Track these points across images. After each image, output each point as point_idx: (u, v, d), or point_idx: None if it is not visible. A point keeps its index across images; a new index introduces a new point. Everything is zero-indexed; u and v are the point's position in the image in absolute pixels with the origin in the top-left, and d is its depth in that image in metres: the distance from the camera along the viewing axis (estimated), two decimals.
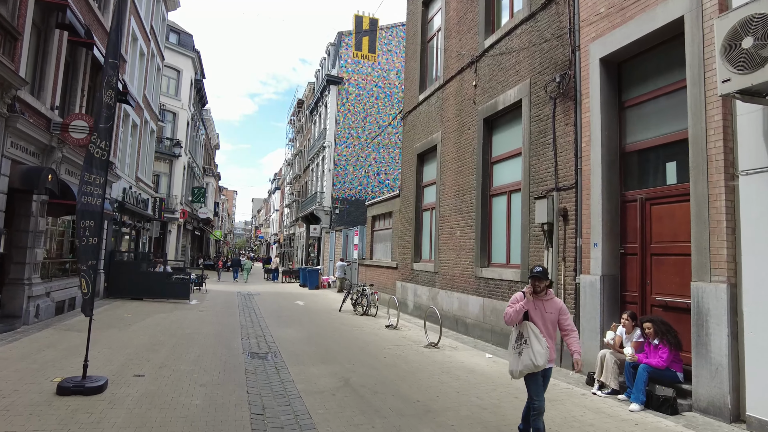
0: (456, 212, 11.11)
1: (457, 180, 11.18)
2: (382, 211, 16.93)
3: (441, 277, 11.65)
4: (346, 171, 29.50)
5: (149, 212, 19.89)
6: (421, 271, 12.85)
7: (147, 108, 18.70)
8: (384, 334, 10.38)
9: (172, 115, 29.25)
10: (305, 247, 35.74)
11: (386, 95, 30.58)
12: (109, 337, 8.49)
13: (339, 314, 13.57)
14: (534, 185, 8.43)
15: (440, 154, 12.16)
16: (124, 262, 15.69)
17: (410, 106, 14.58)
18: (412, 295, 13.34)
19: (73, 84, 11.10)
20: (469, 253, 10.43)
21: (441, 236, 11.78)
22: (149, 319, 11.02)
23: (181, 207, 30.14)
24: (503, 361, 7.93)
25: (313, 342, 9.16)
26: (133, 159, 17.34)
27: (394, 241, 15.26)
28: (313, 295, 19.58)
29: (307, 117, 38.02)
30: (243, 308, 14.42)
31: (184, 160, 30.25)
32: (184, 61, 30.09)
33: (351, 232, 21.82)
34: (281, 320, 11.99)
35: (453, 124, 11.63)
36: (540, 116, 8.44)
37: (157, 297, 14.90)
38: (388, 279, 15.57)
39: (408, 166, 14.44)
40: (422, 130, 13.51)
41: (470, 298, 10.23)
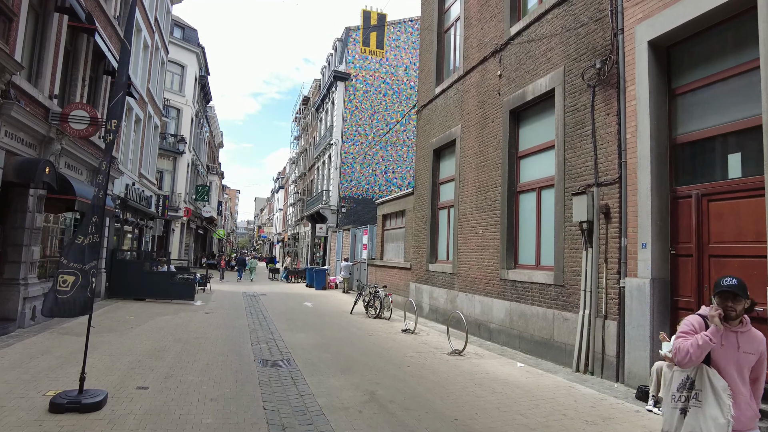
0: (478, 210, 10.48)
1: (479, 176, 10.54)
2: (393, 209, 16.30)
3: (460, 278, 11.02)
4: (353, 169, 28.87)
5: (152, 210, 19.31)
6: (438, 272, 12.22)
7: (151, 102, 18.12)
8: (402, 339, 9.75)
9: (176, 112, 28.67)
10: (310, 246, 35.12)
11: (394, 92, 29.96)
12: (110, 343, 7.88)
13: (351, 317, 12.94)
14: (570, 180, 7.78)
15: (459, 149, 11.53)
16: (127, 261, 15.10)
17: (425, 100, 13.94)
18: (428, 297, 12.71)
19: (73, 73, 10.51)
20: (492, 254, 9.80)
21: (460, 236, 11.14)
22: (153, 321, 10.42)
23: (185, 205, 29.55)
24: (537, 371, 7.30)
25: (329, 348, 8.54)
26: (136, 154, 16.75)
27: (407, 241, 14.64)
28: (321, 296, 18.97)
29: (312, 114, 37.40)
30: (250, 310, 13.81)
31: (188, 157, 29.66)
32: (188, 57, 29.51)
33: (360, 231, 21.21)
34: (291, 323, 11.37)
35: (474, 117, 11.00)
36: (576, 106, 7.80)
37: (160, 298, 14.31)
38: (401, 280, 14.94)
39: (423, 163, 13.81)
40: (439, 125, 12.87)
41: (494, 301, 9.59)
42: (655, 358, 5.98)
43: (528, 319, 8.51)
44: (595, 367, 6.99)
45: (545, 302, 8.14)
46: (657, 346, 6.01)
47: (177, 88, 28.79)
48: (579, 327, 7.23)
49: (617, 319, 6.70)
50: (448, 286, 11.59)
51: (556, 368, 7.47)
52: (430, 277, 12.72)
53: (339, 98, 28.85)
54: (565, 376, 7.02)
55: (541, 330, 8.16)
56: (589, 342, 7.09)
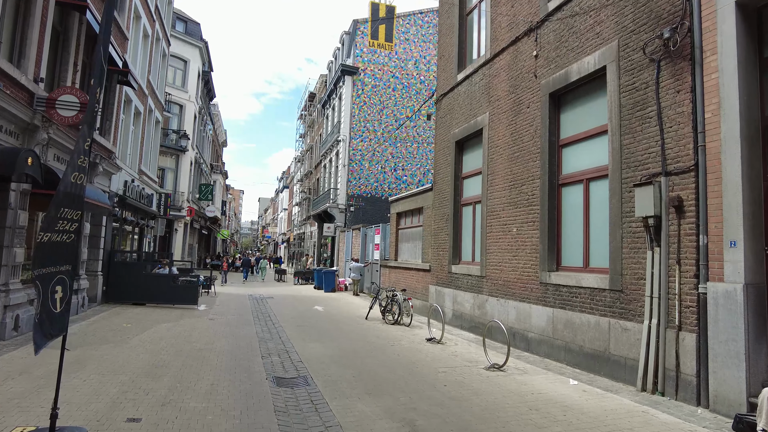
0: (511, 206, 9.45)
1: (512, 168, 9.51)
2: (409, 207, 15.28)
3: (490, 282, 9.99)
4: (361, 166, 27.87)
5: (154, 209, 18.36)
6: (463, 274, 11.19)
7: (151, 95, 17.16)
8: (429, 350, 8.72)
9: (179, 108, 27.74)
10: (317, 246, 34.14)
11: (404, 87, 28.94)
12: (101, 357, 6.89)
13: (367, 323, 11.93)
14: (629, 170, 6.75)
15: (488, 140, 10.50)
16: (125, 263, 14.14)
17: (446, 88, 12.92)
18: (451, 301, 11.69)
19: (63, 56, 9.54)
20: (530, 255, 8.77)
21: (490, 234, 10.12)
22: (152, 330, 9.44)
23: (188, 204, 28.63)
24: (594, 390, 6.27)
25: (349, 362, 7.53)
26: (136, 150, 15.80)
27: (426, 241, 13.62)
28: (331, 300, 17.97)
29: (318, 111, 36.42)
30: (258, 315, 12.83)
31: (191, 155, 28.74)
32: (191, 51, 28.58)
33: (371, 230, 20.21)
34: (304, 331, 10.38)
35: (505, 104, 9.97)
36: (634, 85, 6.76)
37: (161, 302, 13.34)
38: (419, 282, 13.92)
39: (443, 156, 12.78)
40: (462, 114, 11.85)
41: (533, 308, 8.56)
42: (754, 381, 4.95)
43: (576, 328, 7.48)
44: (667, 387, 5.96)
45: (598, 309, 7.11)
46: (756, 365, 4.98)
47: (179, 84, 27.87)
48: (644, 339, 6.20)
49: (695, 330, 5.67)
50: (475, 290, 10.56)
51: (616, 386, 6.44)
52: (453, 280, 11.69)
53: (347, 93, 27.85)
54: (631, 397, 5.99)
55: (593, 341, 7.13)
56: (657, 357, 6.05)
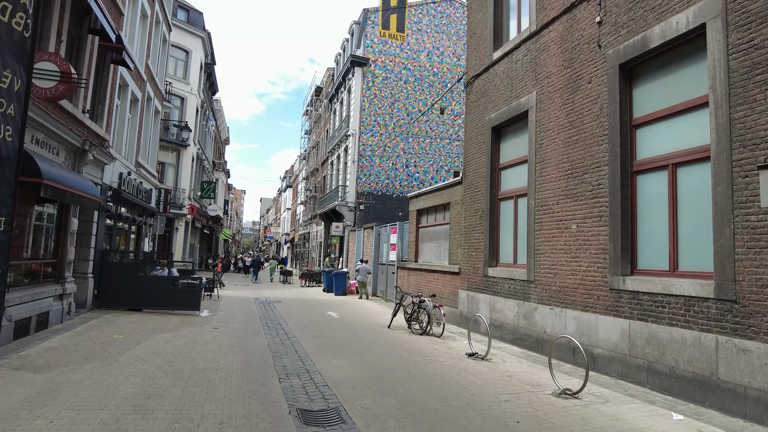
0: (569, 198, 8.07)
1: (570, 154, 8.14)
2: (432, 203, 13.91)
3: (541, 287, 8.61)
4: (371, 162, 26.50)
5: (152, 205, 16.99)
6: (503, 278, 9.81)
7: (150, 82, 15.82)
8: (475, 369, 7.34)
9: (180, 100, 26.41)
10: (324, 246, 32.77)
11: (416, 79, 27.57)
12: (80, 383, 5.52)
13: (391, 333, 10.55)
14: (743, 149, 5.37)
15: (535, 123, 9.13)
16: (120, 264, 12.78)
17: (478, 69, 11.55)
18: (487, 309, 10.31)
19: (44, 22, 8.17)
20: (595, 256, 7.39)
21: (540, 232, 8.74)
22: (147, 343, 8.07)
23: (190, 202, 27.28)
24: (712, 429, 4.89)
25: (386, 386, 6.16)
26: (133, 140, 14.44)
27: (454, 240, 12.24)
28: (344, 304, 16.59)
29: (325, 106, 35.06)
30: (266, 322, 11.46)
31: (192, 150, 27.39)
32: (193, 41, 27.25)
33: (385, 229, 18.83)
34: (321, 342, 9.01)
35: (558, 80, 8.60)
36: (752, 42, 5.38)
37: (159, 307, 11.99)
38: (445, 287, 12.54)
39: (475, 145, 11.41)
40: (500, 96, 10.48)
41: (601, 319, 7.17)
42: None
43: (664, 345, 6.09)
44: None
45: (698, 323, 5.72)
46: None
47: (181, 75, 26.54)
48: None
49: None
50: (521, 297, 9.18)
51: (734, 423, 5.05)
52: (489, 285, 10.31)
53: (356, 85, 26.49)
54: None
55: (692, 362, 5.74)
56: None
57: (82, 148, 9.40)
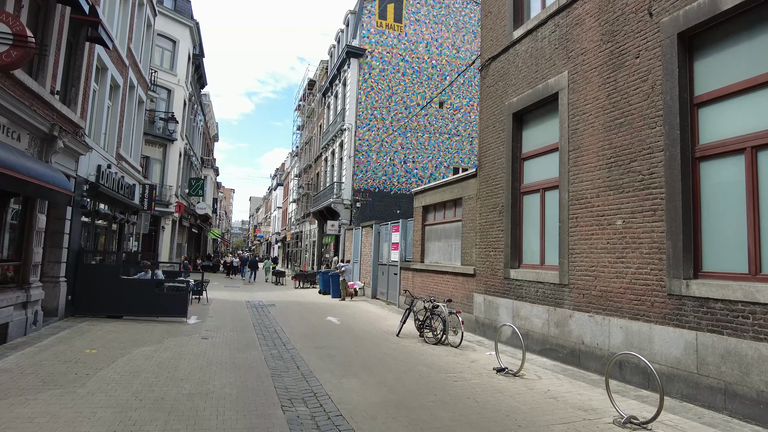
0: (612, 190, 7.05)
1: (613, 140, 7.11)
2: (441, 198, 12.85)
3: (577, 291, 7.58)
4: (368, 158, 25.38)
5: (136, 202, 15.74)
6: (528, 281, 8.78)
7: (133, 67, 14.56)
8: (512, 389, 6.28)
9: (167, 93, 25.07)
10: (317, 246, 31.59)
11: (414, 71, 26.49)
12: (32, 420, 4.36)
13: (401, 342, 9.48)
14: None
15: (568, 106, 8.10)
16: (98, 266, 11.56)
17: (495, 50, 10.50)
18: (509, 315, 9.27)
19: None
20: (648, 256, 6.37)
21: (576, 229, 7.71)
22: (124, 359, 6.90)
23: (177, 200, 25.96)
24: None
25: (413, 415, 5.07)
26: (113, 130, 13.19)
27: (467, 239, 11.19)
28: (343, 307, 15.48)
29: (318, 100, 33.85)
30: (261, 330, 10.33)
31: (180, 145, 26.06)
32: (181, 31, 25.91)
33: (385, 228, 17.74)
34: (327, 355, 7.91)
35: (596, 57, 7.57)
36: None
37: (142, 314, 10.80)
38: (456, 290, 11.49)
39: (492, 133, 10.36)
40: (522, 78, 9.44)
41: (657, 329, 6.15)
42: None
43: (749, 364, 5.08)
44: None
45: None
46: None
47: (168, 66, 25.21)
48: None
49: None
50: (551, 302, 8.15)
51: None
52: (511, 288, 9.27)
53: (352, 77, 25.35)
54: None
55: None
56: None
57: (50, 134, 8.19)
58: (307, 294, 20.46)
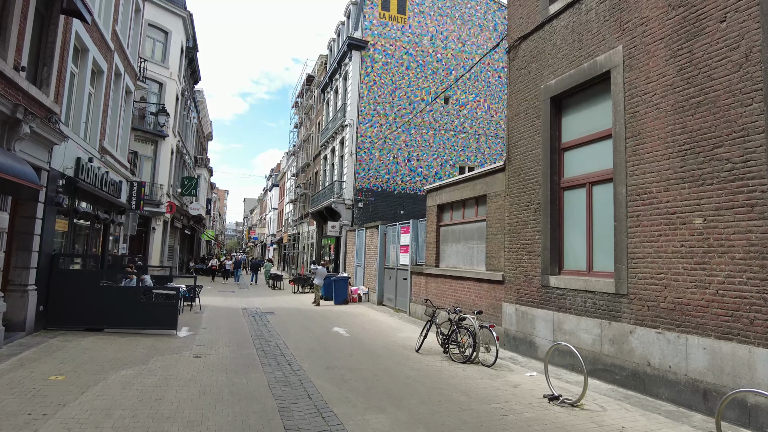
0: (688, 182, 5.87)
1: (687, 122, 5.94)
2: (460, 196, 11.64)
3: (639, 303, 6.39)
4: (371, 155, 24.15)
5: (123, 200, 14.44)
6: (574, 290, 7.59)
7: (119, 52, 13.27)
8: (578, 428, 5.07)
9: (159, 86, 23.72)
10: (316, 248, 30.30)
11: (419, 65, 25.30)
12: None
13: (424, 360, 8.26)
14: None
15: (623, 86, 6.92)
16: (75, 272, 10.28)
17: (526, 29, 9.33)
18: (548, 329, 8.08)
19: None
20: (742, 261, 5.19)
21: (637, 229, 6.53)
22: (97, 388, 5.63)
23: (169, 199, 24.61)
24: None
25: None
26: (96, 120, 11.90)
27: (493, 240, 10.00)
28: (349, 316, 14.23)
29: (317, 96, 32.57)
30: (262, 345, 9.08)
31: (172, 142, 24.72)
32: (173, 21, 24.58)
33: (392, 229, 16.51)
34: (341, 379, 6.67)
35: (660, 27, 6.40)
36: None
37: (126, 326, 9.53)
38: (480, 298, 10.29)
39: (524, 121, 9.18)
40: (562, 57, 8.26)
41: (760, 353, 4.97)
42: None
43: None
44: None
45: None
46: None
47: (159, 58, 23.86)
48: None
49: None
50: (605, 315, 6.95)
51: None
52: (551, 298, 8.08)
53: (354, 71, 24.12)
54: None
55: None
56: None
57: (12, 117, 6.92)
58: (307, 299, 19.18)
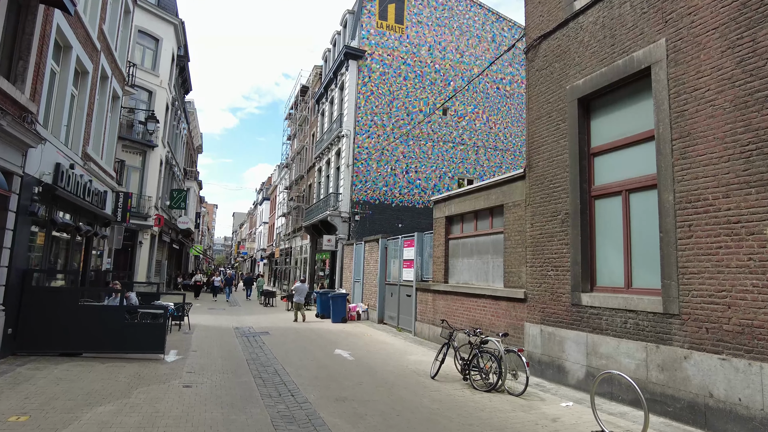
0: (754, 187, 5.17)
1: (751, 120, 5.26)
2: (472, 207, 10.89)
3: (695, 324, 5.63)
4: (368, 167, 23.41)
5: (107, 211, 13.48)
6: (611, 309, 6.81)
7: (106, 54, 12.45)
8: None
9: (148, 94, 22.86)
10: (309, 263, 29.33)
11: (416, 75, 24.77)
12: None
13: (444, 389, 7.39)
14: None
15: (668, 82, 6.25)
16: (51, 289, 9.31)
17: (548, 27, 8.70)
18: (581, 352, 7.28)
19: None
20: None
21: (691, 240, 5.79)
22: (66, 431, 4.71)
23: (157, 212, 23.58)
24: None
25: None
26: (80, 124, 11.02)
27: (512, 254, 9.23)
28: (350, 336, 13.31)
29: (312, 107, 31.88)
30: (259, 370, 8.17)
31: (161, 152, 23.78)
32: (164, 29, 23.83)
33: (394, 243, 15.70)
34: (355, 415, 5.79)
35: (713, 15, 5.75)
36: None
37: (108, 350, 8.57)
38: (498, 317, 9.48)
39: (548, 125, 8.49)
40: (592, 55, 7.61)
41: None
42: None
43: None
44: None
45: None
46: None
47: (150, 66, 23.04)
48: None
49: None
50: (651, 337, 6.18)
51: None
52: (583, 318, 7.30)
53: (351, 80, 23.50)
54: None
55: None
56: None
57: None
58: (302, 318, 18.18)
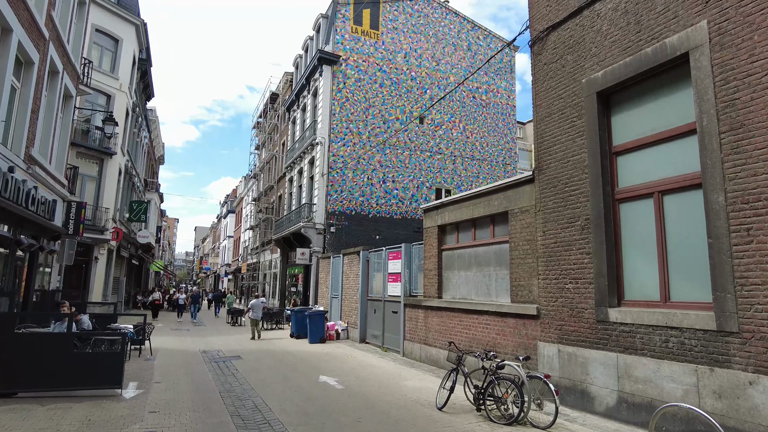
0: None
1: None
2: (469, 214, 10.02)
3: (761, 344, 4.85)
4: (343, 176, 22.38)
5: (56, 223, 11.92)
6: (647, 326, 6.00)
7: (57, 46, 11.05)
8: None
9: (107, 98, 21.18)
10: (280, 278, 27.85)
11: (392, 82, 24.03)
12: None
13: (457, 424, 6.38)
14: None
15: (712, 69, 5.56)
16: None
17: (556, 17, 8.00)
18: (608, 375, 6.43)
19: None
20: None
21: (749, 246, 5.05)
22: None
23: (115, 225, 21.77)
24: None
25: None
26: (23, 121, 9.58)
27: (521, 266, 8.37)
28: (332, 359, 12.11)
29: (282, 115, 30.64)
30: (236, 406, 6.95)
31: (120, 161, 22.05)
32: (125, 29, 22.26)
33: (378, 255, 14.65)
34: None
35: None
36: None
37: (52, 387, 7.14)
38: (505, 337, 8.57)
39: (560, 122, 7.73)
40: (611, 44, 6.91)
41: None
42: None
43: None
44: None
45: None
46: None
47: (108, 68, 21.40)
48: None
49: None
50: (702, 359, 5.37)
51: None
52: (612, 336, 6.46)
53: (325, 86, 22.52)
54: None
55: None
56: None
57: None
58: (275, 338, 16.83)
